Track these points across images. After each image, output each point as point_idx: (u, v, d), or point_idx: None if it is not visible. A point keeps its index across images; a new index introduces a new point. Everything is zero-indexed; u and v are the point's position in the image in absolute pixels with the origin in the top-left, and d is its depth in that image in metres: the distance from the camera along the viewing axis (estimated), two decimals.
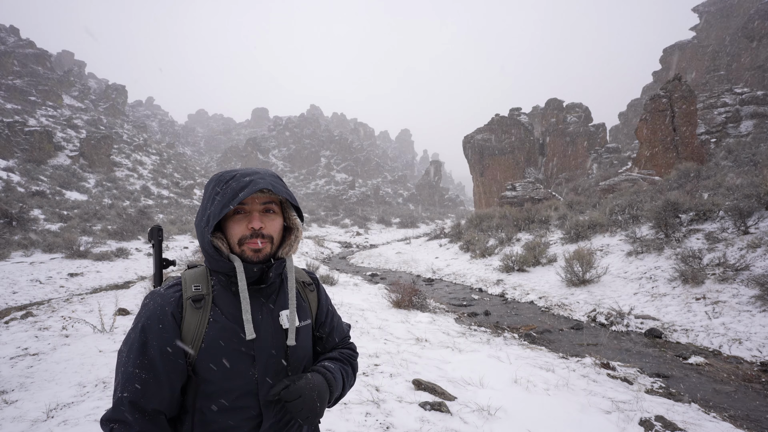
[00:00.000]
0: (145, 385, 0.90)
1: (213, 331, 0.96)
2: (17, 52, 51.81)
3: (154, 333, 0.92)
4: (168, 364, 0.92)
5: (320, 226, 40.47)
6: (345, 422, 2.99)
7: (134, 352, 0.92)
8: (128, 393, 0.89)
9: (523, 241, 14.25)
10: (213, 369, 0.94)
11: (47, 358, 4.57)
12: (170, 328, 0.93)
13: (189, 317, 0.95)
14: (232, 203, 0.94)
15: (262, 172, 1.01)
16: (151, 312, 0.95)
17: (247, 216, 0.99)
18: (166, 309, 0.95)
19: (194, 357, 0.94)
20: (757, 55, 34.16)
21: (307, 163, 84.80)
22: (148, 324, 0.93)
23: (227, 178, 0.99)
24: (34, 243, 15.38)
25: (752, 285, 6.39)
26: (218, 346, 0.95)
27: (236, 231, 0.99)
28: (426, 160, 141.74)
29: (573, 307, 7.97)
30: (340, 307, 7.46)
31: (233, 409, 0.96)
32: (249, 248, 0.99)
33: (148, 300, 0.97)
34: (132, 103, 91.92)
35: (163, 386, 0.91)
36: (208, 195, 1.00)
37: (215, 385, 0.95)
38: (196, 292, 0.98)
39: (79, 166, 36.21)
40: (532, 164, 38.89)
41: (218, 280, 1.02)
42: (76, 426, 2.95)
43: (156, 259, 1.11)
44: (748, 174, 14.07)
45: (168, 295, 0.97)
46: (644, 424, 3.21)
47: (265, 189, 0.98)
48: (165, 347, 0.92)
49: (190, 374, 0.95)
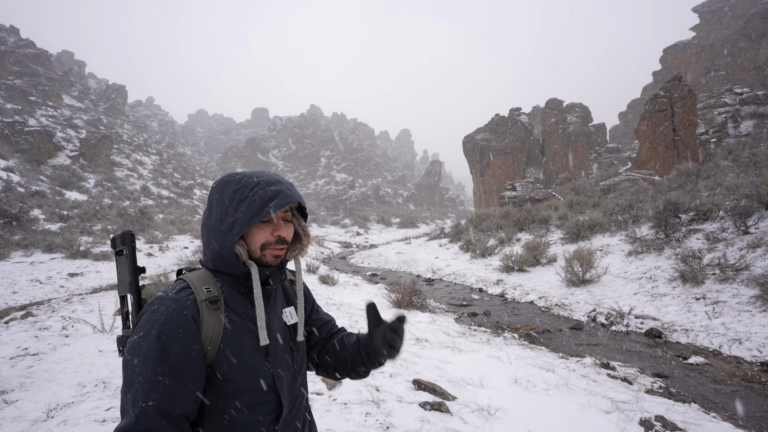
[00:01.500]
0: (170, 391, 0.89)
1: (231, 332, 0.98)
2: (17, 52, 51.80)
3: (175, 338, 0.92)
4: (192, 367, 0.92)
5: (320, 226, 40.48)
6: (345, 422, 2.99)
7: (153, 359, 0.90)
8: (153, 402, 0.87)
9: (523, 241, 14.25)
10: (233, 368, 0.96)
11: (47, 358, 4.57)
12: (192, 331, 0.94)
13: (207, 319, 0.96)
14: (263, 212, 0.98)
15: (284, 182, 1.05)
16: (167, 317, 0.93)
17: (271, 223, 1.03)
18: (185, 313, 0.94)
19: (212, 359, 0.95)
20: (757, 55, 34.17)
21: (307, 163, 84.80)
22: (165, 329, 0.92)
23: (251, 184, 1.01)
24: (34, 243, 15.40)
25: (752, 285, 6.39)
26: (237, 346, 0.98)
27: (260, 237, 1.02)
28: (426, 160, 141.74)
29: (573, 307, 7.97)
30: (340, 307, 7.46)
31: (257, 404, 0.99)
32: (271, 254, 1.04)
33: (158, 305, 0.95)
34: (132, 103, 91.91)
35: (189, 391, 0.91)
36: (229, 199, 1.01)
37: (236, 383, 0.97)
38: (210, 294, 0.99)
39: (79, 166, 36.20)
40: (532, 164, 38.90)
41: (225, 281, 1.04)
42: (76, 426, 2.95)
43: (131, 266, 1.09)
44: (748, 174, 14.07)
45: (183, 299, 0.97)
46: (644, 424, 3.21)
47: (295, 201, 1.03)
48: (188, 351, 0.92)
49: (210, 375, 0.96)
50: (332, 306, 7.55)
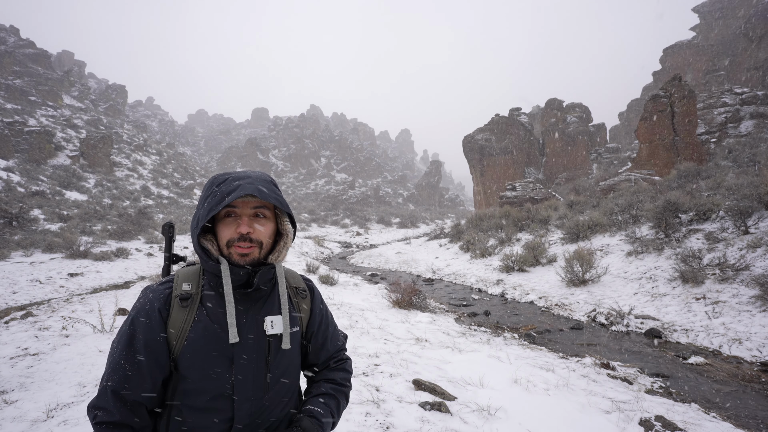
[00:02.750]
0: (127, 376, 0.94)
1: (196, 331, 0.98)
2: (17, 52, 51.81)
3: (141, 327, 0.97)
4: (150, 358, 0.95)
5: (320, 226, 40.47)
6: (345, 422, 2.99)
7: (122, 344, 0.96)
8: (112, 382, 0.93)
9: (523, 241, 14.25)
10: (192, 368, 0.97)
11: (47, 358, 4.57)
12: (156, 323, 0.97)
13: (175, 314, 0.98)
14: (219, 206, 0.96)
15: (253, 177, 1.01)
16: (140, 307, 0.99)
17: (237, 219, 1.01)
18: (154, 305, 0.99)
19: (177, 354, 0.97)
20: (757, 55, 34.15)
21: (307, 163, 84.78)
22: (136, 318, 0.97)
23: (219, 181, 1.01)
24: (34, 243, 15.39)
25: (752, 285, 6.39)
26: (199, 346, 0.97)
27: (225, 233, 1.02)
28: (426, 160, 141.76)
29: (573, 307, 7.97)
30: (340, 307, 7.46)
31: (207, 409, 0.97)
32: (236, 252, 1.00)
33: (141, 295, 1.02)
34: (132, 103, 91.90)
35: (144, 379, 0.95)
36: (201, 197, 1.04)
37: (193, 383, 0.97)
38: (185, 291, 1.01)
39: (79, 166, 36.21)
40: (532, 164, 38.90)
41: (208, 280, 1.04)
42: (76, 426, 2.95)
43: (165, 254, 1.16)
44: (748, 174, 14.07)
45: (159, 291, 1.01)
46: (644, 424, 3.21)
47: (251, 194, 0.97)
48: (149, 342, 0.96)
49: (171, 370, 0.98)
50: (332, 306, 7.56)
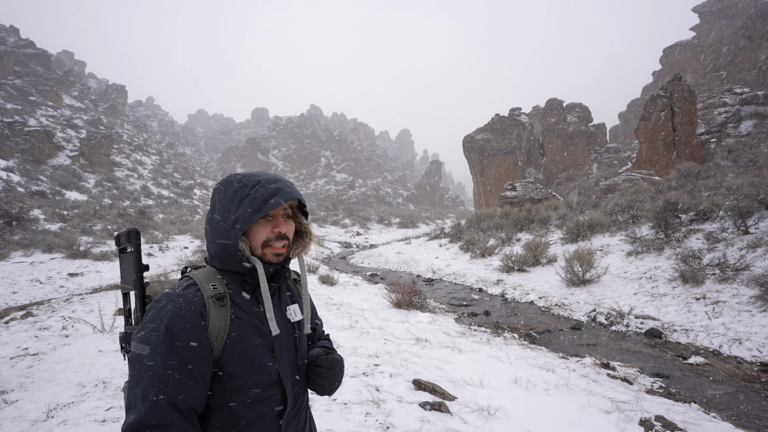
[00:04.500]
0: (179, 385, 0.91)
1: (236, 328, 1.01)
2: (17, 52, 51.77)
3: (183, 333, 0.94)
4: (200, 362, 0.95)
5: (320, 226, 40.47)
6: (345, 422, 2.99)
7: (161, 354, 0.92)
8: (164, 395, 0.89)
9: (523, 241, 14.25)
10: (239, 364, 0.99)
11: (47, 358, 4.57)
12: (199, 327, 0.96)
13: (213, 315, 0.99)
14: (264, 209, 1.01)
15: (284, 180, 1.09)
16: (175, 313, 0.96)
17: (272, 220, 1.07)
18: (193, 308, 0.97)
19: (218, 354, 0.98)
20: (757, 55, 34.15)
21: (307, 163, 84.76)
22: (174, 324, 0.94)
23: (252, 183, 1.04)
24: (34, 243, 15.39)
25: (752, 285, 6.39)
26: (242, 342, 1.00)
27: (261, 234, 1.06)
28: (426, 160, 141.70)
29: (573, 307, 7.97)
30: (340, 307, 7.46)
31: (262, 399, 1.02)
32: (271, 252, 1.07)
33: (165, 301, 0.98)
34: (132, 103, 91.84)
35: (198, 385, 0.94)
36: (229, 198, 1.05)
37: (242, 379, 0.99)
38: (216, 291, 1.02)
39: (79, 166, 36.19)
40: (532, 164, 38.89)
41: (231, 279, 1.06)
42: (76, 426, 2.95)
43: (137, 264, 1.11)
44: (748, 174, 14.07)
45: (190, 295, 0.99)
46: (644, 424, 3.21)
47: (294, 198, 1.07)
48: (196, 346, 0.95)
49: (216, 371, 0.98)
50: (332, 306, 7.55)
